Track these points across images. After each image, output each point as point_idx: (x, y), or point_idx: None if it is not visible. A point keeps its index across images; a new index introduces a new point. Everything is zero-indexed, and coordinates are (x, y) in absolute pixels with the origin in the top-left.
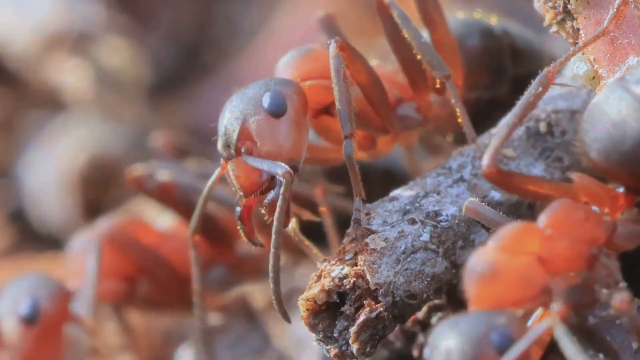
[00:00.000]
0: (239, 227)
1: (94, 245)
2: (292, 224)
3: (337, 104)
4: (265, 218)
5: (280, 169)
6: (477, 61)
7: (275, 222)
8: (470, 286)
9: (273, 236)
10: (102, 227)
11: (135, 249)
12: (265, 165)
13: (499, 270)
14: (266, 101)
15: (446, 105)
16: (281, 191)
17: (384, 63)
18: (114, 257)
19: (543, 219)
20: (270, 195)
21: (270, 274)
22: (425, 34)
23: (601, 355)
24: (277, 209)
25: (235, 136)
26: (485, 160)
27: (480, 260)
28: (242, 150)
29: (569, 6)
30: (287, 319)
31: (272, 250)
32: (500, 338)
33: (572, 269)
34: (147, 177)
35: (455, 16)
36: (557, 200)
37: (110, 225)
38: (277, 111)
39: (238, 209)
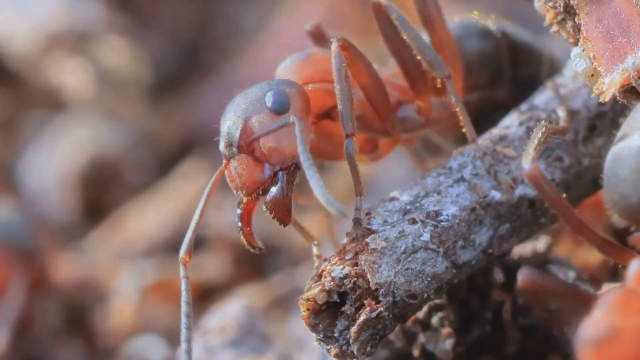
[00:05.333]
0: (239, 229)
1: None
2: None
3: (338, 103)
4: (266, 215)
5: (290, 118)
6: (475, 63)
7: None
8: (589, 355)
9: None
10: None
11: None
12: (274, 125)
13: (621, 332)
14: (269, 99)
15: (446, 106)
16: (297, 131)
17: (382, 65)
18: None
19: (632, 279)
20: (273, 192)
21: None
22: (423, 36)
23: None
24: (298, 141)
25: (238, 134)
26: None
27: (597, 327)
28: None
29: (571, 1)
30: (341, 212)
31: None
32: None
33: None
34: None
35: (453, 18)
36: (636, 259)
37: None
38: (280, 109)
39: (238, 210)
